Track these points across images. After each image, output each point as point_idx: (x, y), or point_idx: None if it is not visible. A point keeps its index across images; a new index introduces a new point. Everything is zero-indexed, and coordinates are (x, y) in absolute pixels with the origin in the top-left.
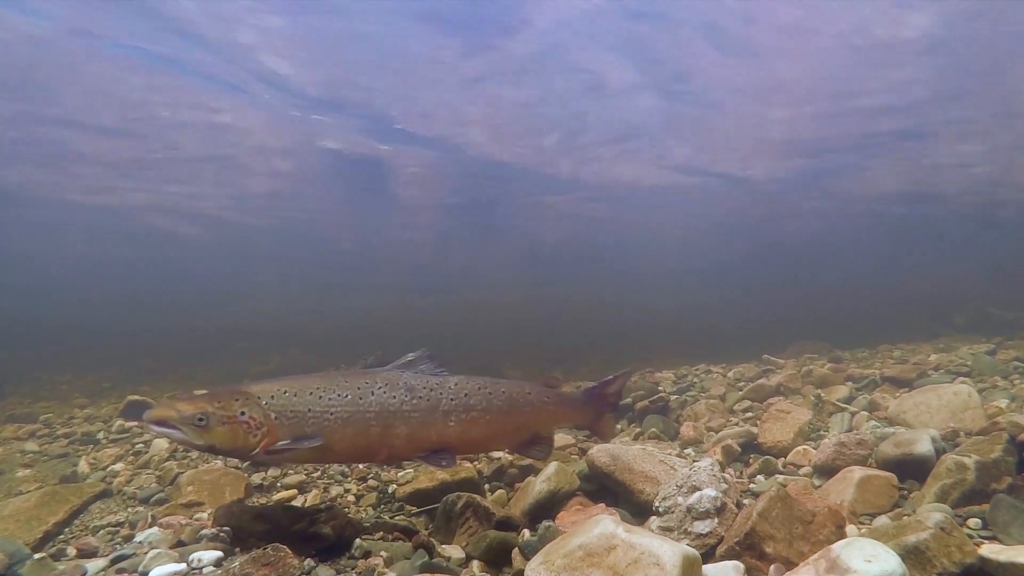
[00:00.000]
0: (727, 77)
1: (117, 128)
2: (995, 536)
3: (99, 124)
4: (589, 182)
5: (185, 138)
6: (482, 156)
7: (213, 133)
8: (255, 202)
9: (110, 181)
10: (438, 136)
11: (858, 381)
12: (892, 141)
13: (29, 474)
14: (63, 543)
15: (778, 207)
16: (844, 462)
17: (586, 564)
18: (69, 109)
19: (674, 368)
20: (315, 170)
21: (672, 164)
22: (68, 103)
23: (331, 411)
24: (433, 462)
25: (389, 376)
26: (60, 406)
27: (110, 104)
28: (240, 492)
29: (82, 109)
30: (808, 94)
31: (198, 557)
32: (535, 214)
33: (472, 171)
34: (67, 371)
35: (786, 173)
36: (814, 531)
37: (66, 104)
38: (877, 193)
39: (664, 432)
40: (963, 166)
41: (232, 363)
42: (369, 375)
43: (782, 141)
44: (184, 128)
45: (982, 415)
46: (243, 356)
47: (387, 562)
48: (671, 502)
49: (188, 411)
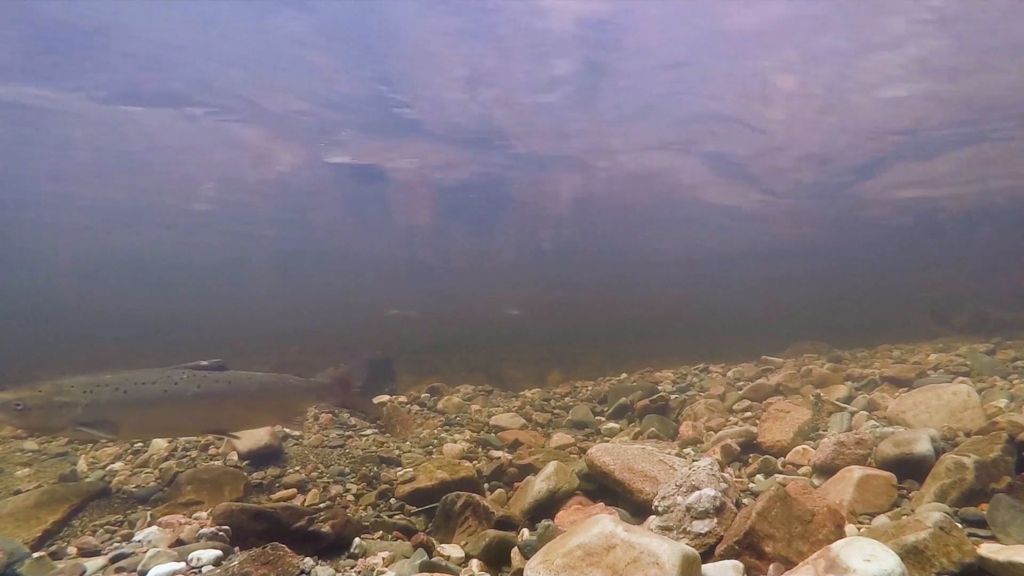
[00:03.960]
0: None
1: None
2: (994, 536)
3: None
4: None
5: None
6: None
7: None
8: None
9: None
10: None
11: (857, 381)
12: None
13: (28, 473)
14: (62, 542)
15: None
16: (843, 462)
17: (585, 563)
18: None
19: (673, 368)
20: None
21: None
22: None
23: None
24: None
25: (186, 372)
26: None
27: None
28: (239, 491)
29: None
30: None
31: (197, 556)
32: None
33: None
34: (67, 370)
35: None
36: (813, 530)
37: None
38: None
39: (663, 431)
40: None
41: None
42: (167, 371)
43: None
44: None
45: (981, 415)
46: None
47: (386, 561)
48: (670, 501)
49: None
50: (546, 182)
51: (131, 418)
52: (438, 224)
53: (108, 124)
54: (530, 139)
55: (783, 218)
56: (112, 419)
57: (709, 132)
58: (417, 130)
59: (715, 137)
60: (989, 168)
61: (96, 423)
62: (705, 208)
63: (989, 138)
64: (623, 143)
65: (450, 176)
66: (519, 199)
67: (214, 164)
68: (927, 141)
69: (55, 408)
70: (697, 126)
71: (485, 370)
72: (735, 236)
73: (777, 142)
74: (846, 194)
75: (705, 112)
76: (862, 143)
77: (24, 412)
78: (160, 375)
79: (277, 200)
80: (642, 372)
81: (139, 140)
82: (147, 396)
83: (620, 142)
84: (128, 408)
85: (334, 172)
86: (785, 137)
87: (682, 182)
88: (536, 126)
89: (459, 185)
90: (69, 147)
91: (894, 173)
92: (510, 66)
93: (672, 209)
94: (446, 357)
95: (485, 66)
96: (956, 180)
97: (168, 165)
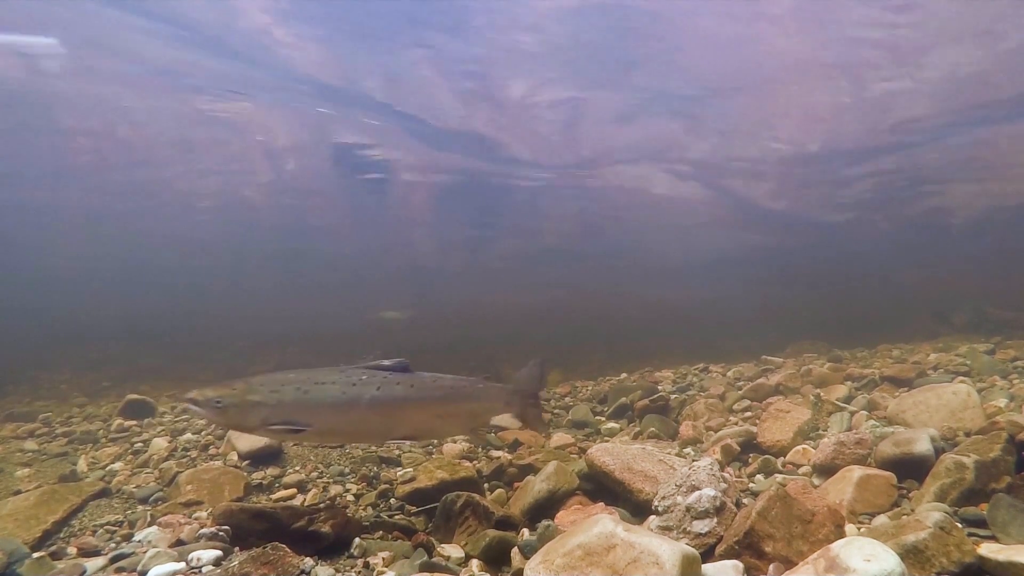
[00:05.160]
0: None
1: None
2: (994, 535)
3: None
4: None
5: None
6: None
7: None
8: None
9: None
10: None
11: (857, 380)
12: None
13: (28, 473)
14: (62, 542)
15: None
16: (843, 461)
17: (585, 563)
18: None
19: (673, 367)
20: None
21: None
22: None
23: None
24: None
25: (365, 373)
26: (59, 405)
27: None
28: (239, 491)
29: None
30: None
31: (197, 556)
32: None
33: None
34: (66, 370)
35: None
36: (813, 530)
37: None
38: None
39: (663, 431)
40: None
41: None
42: (347, 371)
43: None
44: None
45: (981, 414)
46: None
47: (386, 561)
48: (670, 501)
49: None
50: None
51: (313, 420)
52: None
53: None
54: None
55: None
56: (296, 420)
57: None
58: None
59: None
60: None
61: (283, 423)
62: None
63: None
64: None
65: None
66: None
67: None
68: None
69: (248, 407)
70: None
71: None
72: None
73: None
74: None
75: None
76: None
77: (222, 409)
78: (339, 375)
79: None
80: (642, 372)
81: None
82: (326, 397)
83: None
84: (309, 409)
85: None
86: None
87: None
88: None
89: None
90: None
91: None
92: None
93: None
94: (446, 357)
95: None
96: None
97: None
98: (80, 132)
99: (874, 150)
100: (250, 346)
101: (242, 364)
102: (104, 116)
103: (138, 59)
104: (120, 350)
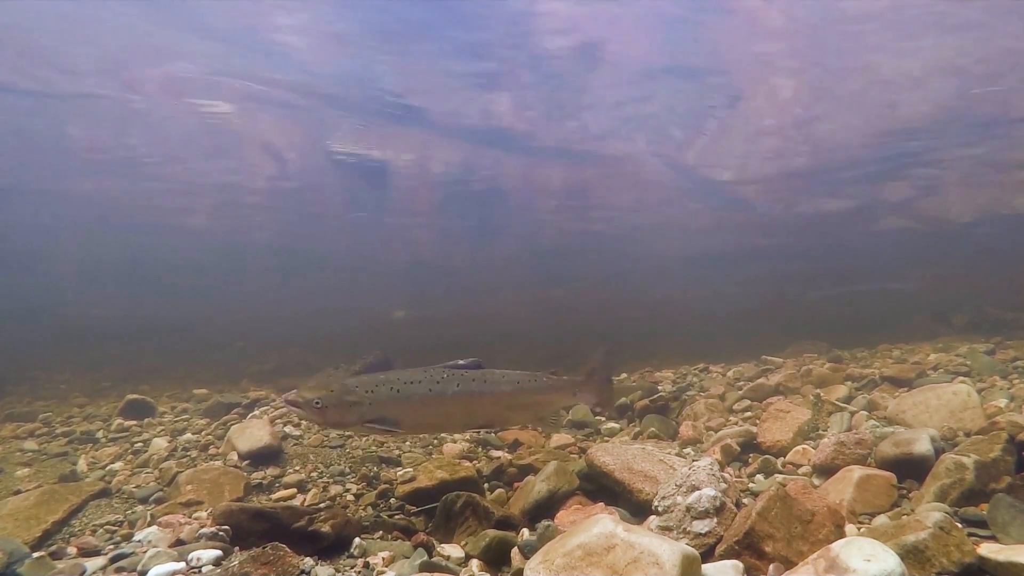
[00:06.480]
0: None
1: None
2: (994, 535)
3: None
4: None
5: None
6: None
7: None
8: None
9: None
10: None
11: (857, 381)
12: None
13: (28, 473)
14: (62, 542)
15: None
16: (843, 461)
17: (585, 563)
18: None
19: (674, 367)
20: None
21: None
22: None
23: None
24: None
25: (446, 371)
26: (59, 405)
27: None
28: (239, 491)
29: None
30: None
31: (197, 556)
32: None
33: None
34: (66, 370)
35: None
36: (813, 530)
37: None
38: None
39: (663, 431)
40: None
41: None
42: (430, 371)
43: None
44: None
45: (981, 415)
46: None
47: (386, 561)
48: (670, 501)
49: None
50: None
51: (405, 415)
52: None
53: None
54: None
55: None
56: (391, 416)
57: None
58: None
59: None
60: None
61: (379, 420)
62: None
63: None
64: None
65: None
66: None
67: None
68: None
69: (346, 406)
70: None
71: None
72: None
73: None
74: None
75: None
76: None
77: (322, 410)
78: (424, 374)
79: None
80: (642, 372)
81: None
82: (416, 394)
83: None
84: (402, 406)
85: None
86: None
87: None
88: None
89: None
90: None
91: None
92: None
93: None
94: (445, 357)
95: None
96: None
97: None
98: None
99: (874, 150)
100: (250, 346)
101: (242, 364)
102: (104, 116)
103: (138, 59)
104: (120, 350)
